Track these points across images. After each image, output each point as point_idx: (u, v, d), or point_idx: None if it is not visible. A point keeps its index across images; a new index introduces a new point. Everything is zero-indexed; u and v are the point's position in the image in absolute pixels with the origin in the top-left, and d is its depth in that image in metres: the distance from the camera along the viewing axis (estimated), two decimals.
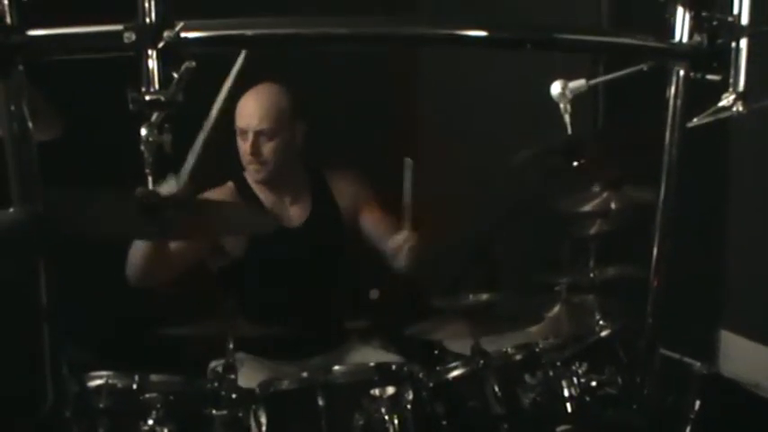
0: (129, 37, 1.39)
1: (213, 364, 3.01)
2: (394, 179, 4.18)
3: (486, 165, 2.86)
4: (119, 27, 1.40)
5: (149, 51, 1.41)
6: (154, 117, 1.62)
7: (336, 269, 3.43)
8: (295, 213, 3.38)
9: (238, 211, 3.10)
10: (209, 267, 3.33)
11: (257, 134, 3.22)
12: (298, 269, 3.28)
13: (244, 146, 3.25)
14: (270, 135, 3.24)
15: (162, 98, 1.43)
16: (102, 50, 1.46)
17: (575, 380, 2.55)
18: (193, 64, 1.42)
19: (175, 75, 1.43)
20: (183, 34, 1.42)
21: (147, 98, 1.43)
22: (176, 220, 2.27)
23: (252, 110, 3.23)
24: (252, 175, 3.31)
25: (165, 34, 1.40)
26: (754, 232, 3.96)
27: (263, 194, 3.34)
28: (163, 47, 1.41)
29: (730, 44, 1.82)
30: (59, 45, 1.47)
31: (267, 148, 3.24)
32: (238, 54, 2.93)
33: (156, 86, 1.42)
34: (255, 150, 3.23)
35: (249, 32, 1.56)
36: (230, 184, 3.36)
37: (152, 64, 1.42)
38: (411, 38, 1.81)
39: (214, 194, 3.29)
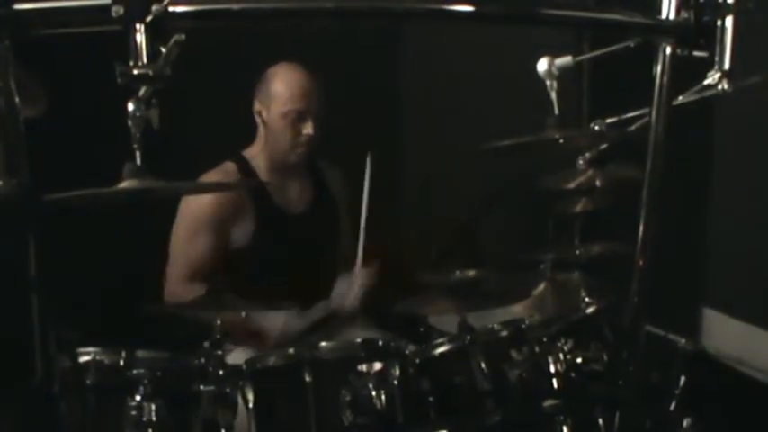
0: (118, 11, 1.39)
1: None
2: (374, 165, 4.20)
3: (472, 143, 2.85)
4: (107, 1, 1.39)
5: (137, 25, 1.41)
6: (142, 92, 1.62)
7: (332, 253, 3.43)
8: (298, 198, 3.37)
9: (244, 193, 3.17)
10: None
11: (316, 116, 3.21)
12: (297, 253, 3.26)
13: (297, 128, 3.21)
14: (323, 115, 3.23)
15: (150, 72, 1.43)
16: (89, 24, 1.46)
17: (561, 356, 2.56)
18: (182, 38, 1.41)
19: (163, 49, 1.43)
20: (171, 8, 1.42)
21: (135, 72, 1.43)
22: None
23: (310, 91, 3.21)
24: (292, 158, 3.27)
25: (154, 8, 1.40)
26: (736, 211, 3.98)
27: (269, 177, 3.31)
28: (151, 21, 1.40)
29: (716, 22, 1.83)
30: (47, 19, 1.46)
31: (318, 128, 3.22)
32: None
33: (145, 61, 1.42)
34: (317, 132, 3.21)
35: (236, 7, 1.56)
36: (230, 164, 3.31)
37: (140, 38, 1.41)
38: (397, 12, 1.81)
39: (214, 176, 3.23)
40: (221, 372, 2.42)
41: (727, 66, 1.88)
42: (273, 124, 3.23)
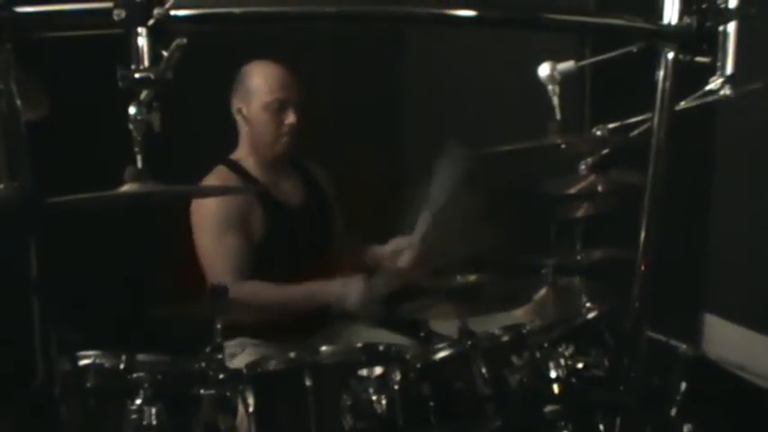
0: (119, 14, 1.39)
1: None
2: (372, 168, 4.20)
3: (473, 147, 2.86)
4: (108, 4, 1.39)
5: (139, 29, 1.41)
6: (143, 95, 1.61)
7: (328, 250, 3.44)
8: (292, 193, 3.39)
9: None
10: None
11: (296, 105, 3.25)
12: (295, 250, 3.28)
13: (280, 118, 3.25)
14: (302, 106, 3.27)
15: (152, 76, 1.43)
16: (91, 28, 1.46)
17: (561, 361, 2.56)
18: (184, 41, 1.41)
19: (165, 52, 1.43)
20: (172, 12, 1.42)
21: (137, 76, 1.43)
22: None
23: (288, 81, 3.26)
24: (278, 149, 3.31)
25: (155, 11, 1.40)
26: (738, 216, 3.99)
27: (261, 174, 3.33)
28: (153, 24, 1.40)
29: (718, 28, 1.83)
30: (48, 22, 1.46)
31: (300, 118, 3.26)
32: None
33: (146, 64, 1.42)
34: (299, 121, 3.25)
35: (237, 11, 1.56)
36: (222, 168, 3.33)
37: (142, 41, 1.41)
38: (398, 17, 1.81)
39: (212, 180, 3.27)
40: (222, 376, 2.42)
41: (729, 71, 1.88)
42: (255, 118, 3.28)
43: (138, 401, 2.32)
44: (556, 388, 2.54)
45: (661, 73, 1.87)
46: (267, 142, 3.28)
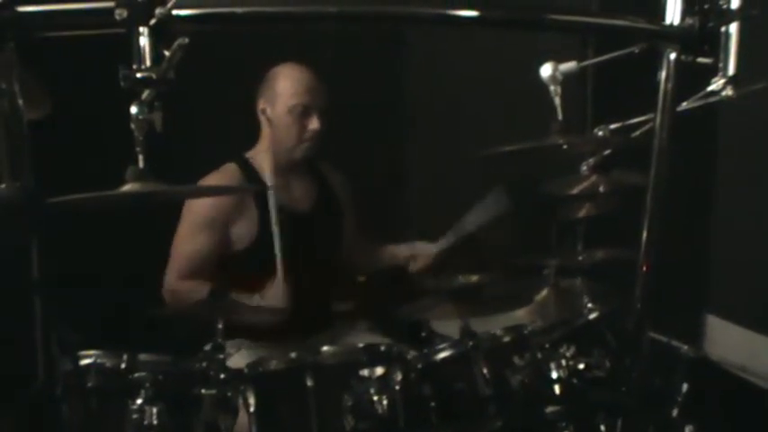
0: (121, 14, 1.39)
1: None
2: (377, 169, 4.19)
3: (475, 148, 2.86)
4: (110, 4, 1.39)
5: (141, 28, 1.41)
6: (145, 95, 1.61)
7: (333, 254, 3.43)
8: (302, 197, 3.37)
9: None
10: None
11: (321, 111, 3.25)
12: (299, 254, 3.25)
13: (303, 123, 3.24)
14: (328, 111, 3.27)
15: (153, 75, 1.43)
16: (93, 27, 1.46)
17: (563, 362, 2.55)
18: (186, 41, 1.42)
19: (167, 52, 1.43)
20: (174, 11, 1.42)
21: (139, 75, 1.43)
22: None
23: (314, 86, 3.26)
24: (298, 153, 3.30)
25: (157, 11, 1.40)
26: (740, 217, 3.98)
27: (271, 176, 3.31)
28: (154, 24, 1.40)
29: (720, 28, 1.84)
30: (50, 22, 1.46)
31: (324, 123, 3.26)
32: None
33: (148, 64, 1.42)
34: (323, 127, 3.25)
35: (239, 10, 1.56)
36: (232, 165, 3.32)
37: (144, 41, 1.42)
38: (401, 17, 1.81)
39: (216, 178, 3.25)
40: (223, 375, 2.42)
41: (731, 72, 1.88)
42: (279, 120, 3.26)
43: (140, 401, 2.32)
44: (557, 389, 2.54)
45: (663, 73, 1.87)
46: (288, 146, 3.27)
